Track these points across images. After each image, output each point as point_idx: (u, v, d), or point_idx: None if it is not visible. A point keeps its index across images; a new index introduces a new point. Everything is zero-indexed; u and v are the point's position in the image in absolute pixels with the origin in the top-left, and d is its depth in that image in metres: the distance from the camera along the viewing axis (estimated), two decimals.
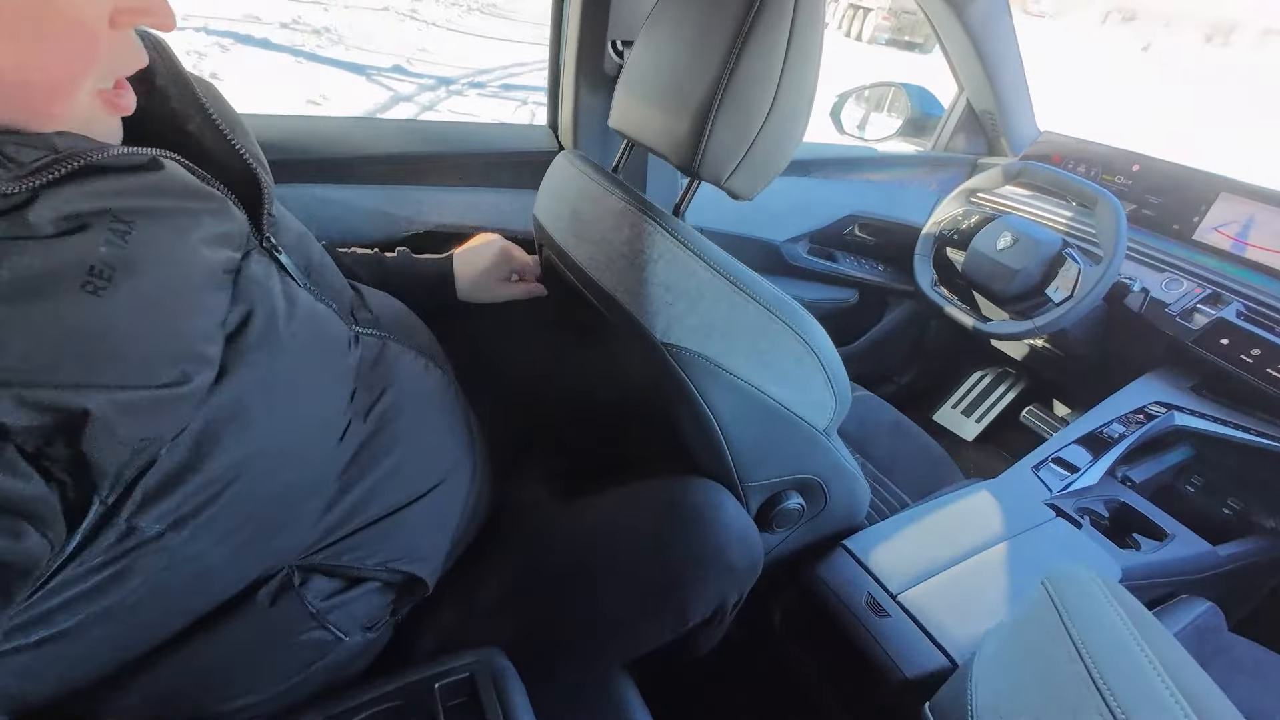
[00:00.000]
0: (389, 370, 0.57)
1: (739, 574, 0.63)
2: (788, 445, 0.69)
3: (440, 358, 0.68)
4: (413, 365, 0.61)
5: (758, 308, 0.61)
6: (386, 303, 0.66)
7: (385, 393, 0.55)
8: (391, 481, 0.54)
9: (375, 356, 0.56)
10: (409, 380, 0.59)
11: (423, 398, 0.60)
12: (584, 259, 0.67)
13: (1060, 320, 1.09)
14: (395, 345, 0.59)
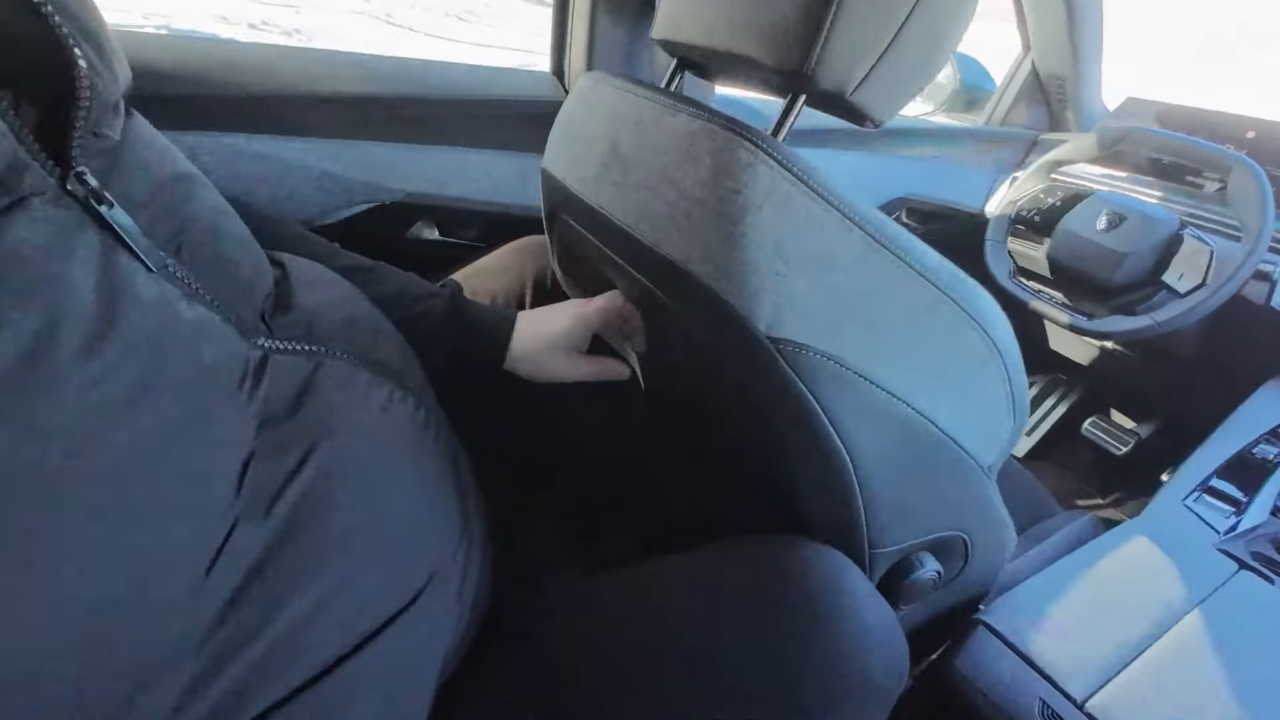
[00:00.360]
0: (321, 411, 0.34)
1: (881, 697, 0.40)
2: (943, 493, 0.46)
3: (415, 378, 0.44)
4: (367, 397, 0.37)
5: (921, 283, 0.38)
6: (329, 293, 0.42)
7: (311, 455, 0.32)
8: (320, 622, 0.32)
9: (297, 390, 0.34)
10: (359, 424, 0.36)
11: (384, 450, 0.37)
12: (630, 216, 0.44)
13: (1194, 313, 0.88)
14: (337, 366, 0.36)
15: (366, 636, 0.35)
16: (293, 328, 0.37)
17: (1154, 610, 0.60)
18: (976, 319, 0.40)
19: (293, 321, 0.37)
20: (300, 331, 0.37)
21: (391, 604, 0.37)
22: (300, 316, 0.38)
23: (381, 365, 0.41)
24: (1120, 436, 1.42)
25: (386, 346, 0.44)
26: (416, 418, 0.41)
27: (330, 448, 0.34)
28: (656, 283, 0.44)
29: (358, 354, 0.39)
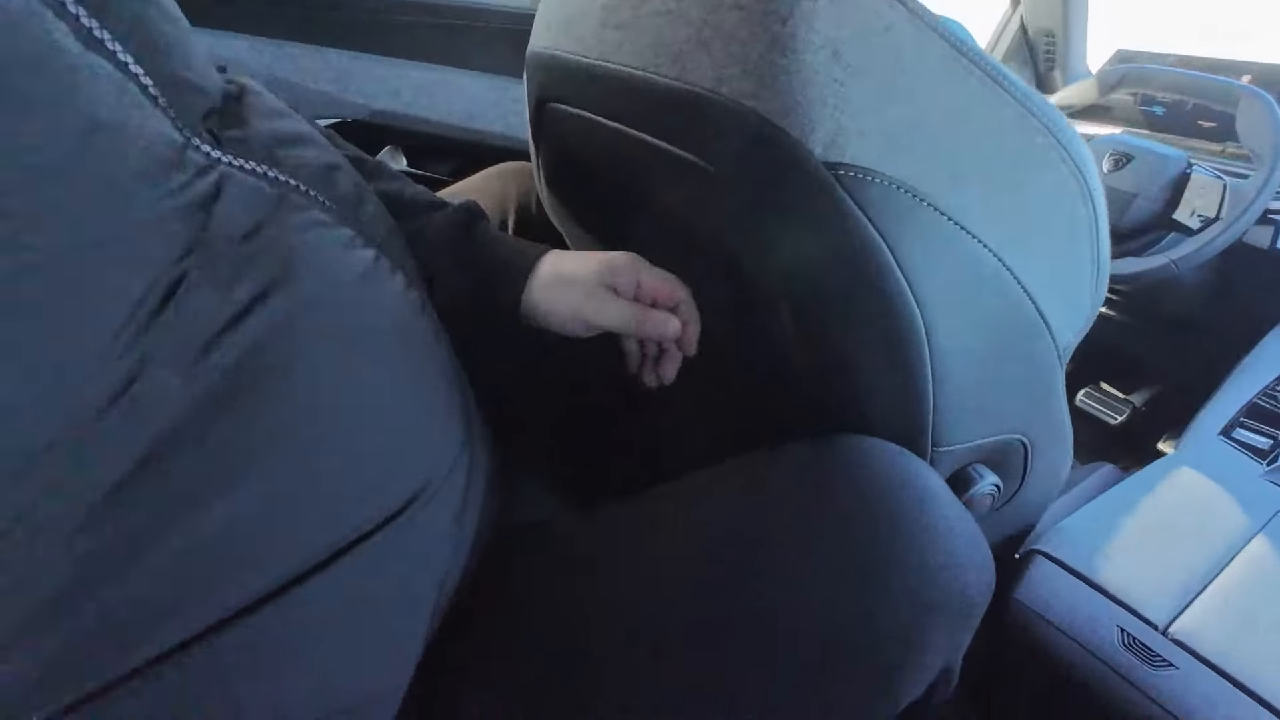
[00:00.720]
0: (284, 248, 0.27)
1: (974, 616, 0.33)
2: (1017, 378, 0.39)
3: (405, 258, 0.36)
4: (346, 253, 0.30)
5: (1015, 108, 0.32)
6: (296, 128, 0.34)
7: (266, 299, 0.25)
8: (265, 528, 0.25)
9: (255, 221, 0.26)
10: (333, 279, 0.28)
11: (364, 322, 0.29)
12: (644, 55, 0.37)
13: (1211, 247, 0.85)
14: (307, 206, 0.29)
15: (330, 554, 0.27)
16: (248, 148, 0.29)
17: (1216, 537, 0.54)
18: (1070, 152, 0.33)
19: (247, 141, 0.29)
20: (259, 156, 0.29)
21: (366, 517, 0.28)
22: (259, 141, 0.30)
23: (366, 227, 0.33)
24: (1115, 406, 1.39)
25: (373, 212, 0.36)
26: (409, 297, 0.33)
27: (293, 296, 0.26)
28: (676, 135, 0.37)
29: (335, 202, 0.31)
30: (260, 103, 0.33)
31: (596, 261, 0.43)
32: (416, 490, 0.30)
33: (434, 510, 0.32)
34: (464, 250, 0.43)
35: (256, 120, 0.31)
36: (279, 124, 0.32)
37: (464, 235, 0.44)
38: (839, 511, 0.32)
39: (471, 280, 0.43)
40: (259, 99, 0.33)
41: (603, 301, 0.42)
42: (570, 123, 0.48)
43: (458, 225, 0.44)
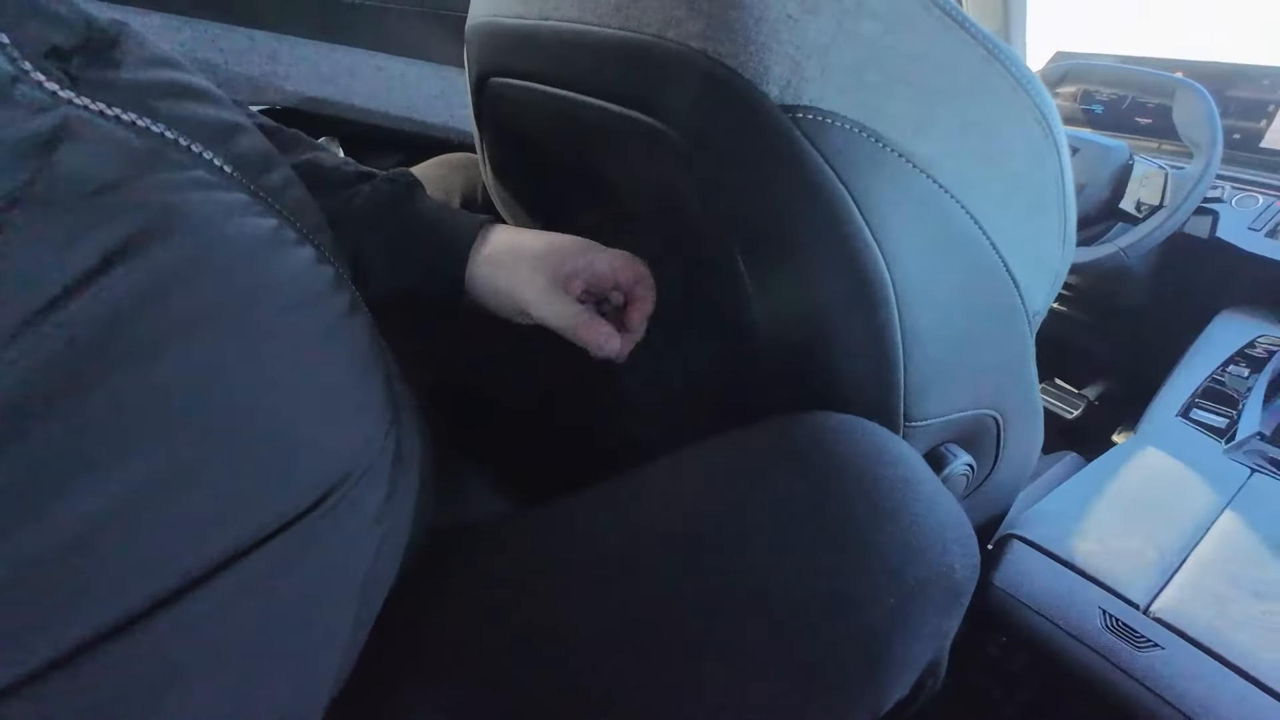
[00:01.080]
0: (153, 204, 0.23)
1: (964, 595, 0.30)
2: (989, 344, 0.37)
3: (320, 233, 0.33)
4: (240, 217, 0.26)
5: (977, 49, 0.30)
6: (183, 80, 0.30)
7: (125, 258, 0.22)
8: (131, 531, 0.21)
9: (117, 175, 0.22)
10: (221, 242, 0.25)
11: (262, 294, 0.25)
12: (585, 7, 0.35)
13: (1157, 234, 0.86)
14: (192, 164, 0.26)
15: (224, 558, 0.23)
16: (114, 94, 0.24)
17: (1187, 514, 0.54)
18: (1036, 101, 0.32)
19: (114, 86, 0.25)
20: (128, 103, 0.25)
21: (267, 514, 0.24)
22: (131, 88, 0.26)
23: (269, 194, 0.29)
24: (1070, 400, 1.41)
25: (280, 180, 0.32)
26: (319, 273, 0.29)
27: (160, 261, 0.22)
28: (623, 93, 0.34)
29: (230, 163, 0.27)
30: (141, 51, 0.28)
31: (544, 244, 0.40)
32: (329, 485, 0.26)
33: (351, 507, 0.28)
34: (399, 220, 0.40)
35: (132, 66, 0.27)
36: (161, 73, 0.28)
37: (399, 204, 0.40)
38: (815, 490, 0.29)
39: (409, 254, 0.39)
40: (141, 47, 0.29)
41: (545, 294, 0.38)
42: (513, 96, 0.45)
43: (392, 195, 0.40)
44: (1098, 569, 0.46)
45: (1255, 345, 0.89)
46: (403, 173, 0.42)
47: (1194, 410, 0.74)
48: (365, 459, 0.28)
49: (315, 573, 0.26)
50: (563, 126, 0.43)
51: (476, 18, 0.48)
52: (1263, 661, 0.40)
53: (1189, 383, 0.82)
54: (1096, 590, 0.44)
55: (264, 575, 0.24)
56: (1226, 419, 0.74)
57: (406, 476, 0.32)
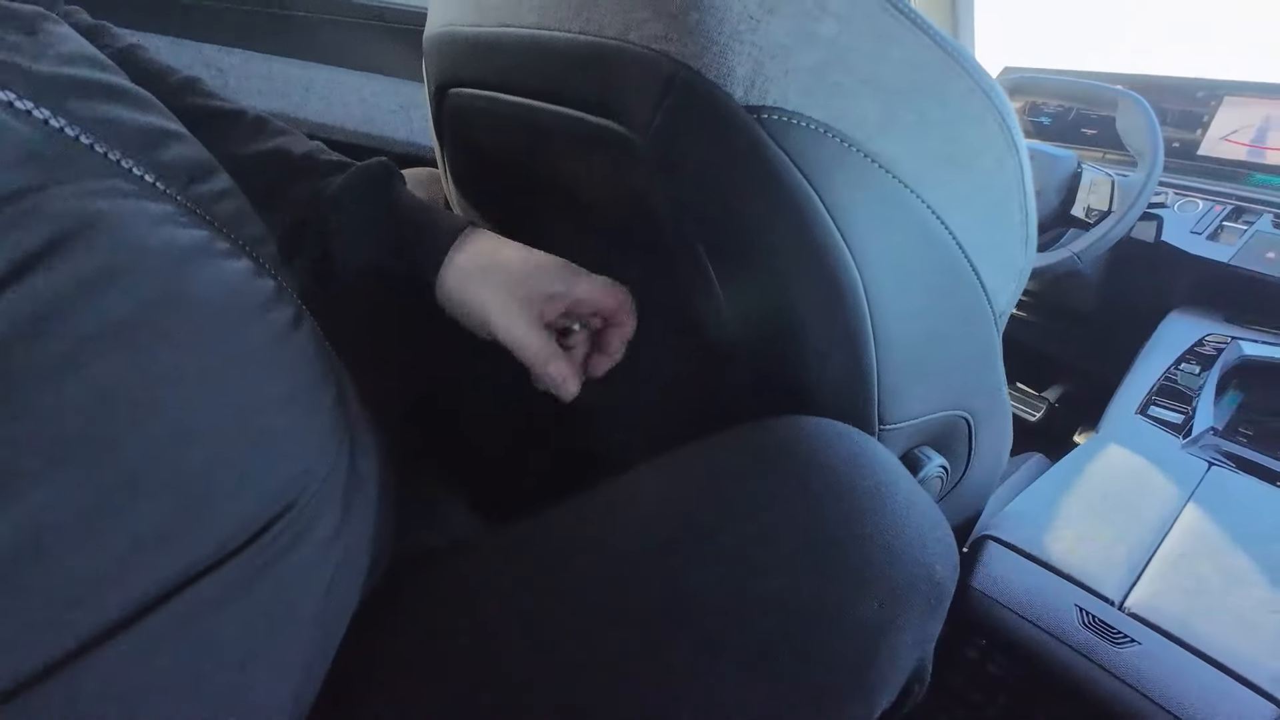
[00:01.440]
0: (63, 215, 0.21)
1: (940, 588, 0.30)
2: (958, 345, 0.37)
3: (261, 246, 0.31)
4: (154, 228, 0.24)
5: (933, 48, 0.30)
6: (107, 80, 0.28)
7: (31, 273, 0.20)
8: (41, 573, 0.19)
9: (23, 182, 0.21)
10: (140, 252, 0.23)
11: (190, 309, 0.24)
12: (545, 12, 0.34)
13: (1107, 239, 0.89)
14: (101, 170, 0.24)
15: (145, 603, 0.21)
16: (27, 84, 0.23)
17: (1152, 508, 0.54)
18: (994, 101, 0.32)
19: (29, 75, 0.23)
20: (42, 98, 0.23)
21: (204, 545, 0.22)
22: (46, 81, 0.24)
23: (199, 204, 0.27)
24: (1032, 403, 1.45)
25: (217, 190, 0.30)
26: (257, 286, 0.27)
27: (67, 275, 0.20)
28: (586, 98, 0.34)
29: (154, 172, 0.26)
30: (64, 44, 0.27)
31: (522, 262, 0.38)
32: (271, 514, 0.24)
33: (298, 536, 0.26)
34: (376, 205, 0.37)
35: (52, 60, 0.25)
36: (83, 71, 0.26)
37: (377, 190, 0.38)
38: (794, 495, 0.28)
39: (385, 243, 0.37)
40: (64, 39, 0.27)
41: (512, 318, 0.37)
42: (473, 106, 0.44)
43: (369, 181, 0.38)
44: (1072, 567, 0.46)
45: (1204, 343, 0.92)
46: (381, 161, 0.39)
47: (1152, 408, 0.77)
48: (313, 484, 0.27)
49: (261, 607, 0.24)
50: (525, 135, 0.42)
51: (434, 28, 0.47)
52: (1233, 650, 0.40)
53: (1145, 381, 0.85)
54: (1072, 588, 0.44)
55: (201, 614, 0.22)
56: (1182, 415, 0.76)
57: (363, 498, 0.31)
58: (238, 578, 0.23)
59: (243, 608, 0.23)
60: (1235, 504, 0.56)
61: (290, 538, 0.25)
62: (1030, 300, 1.34)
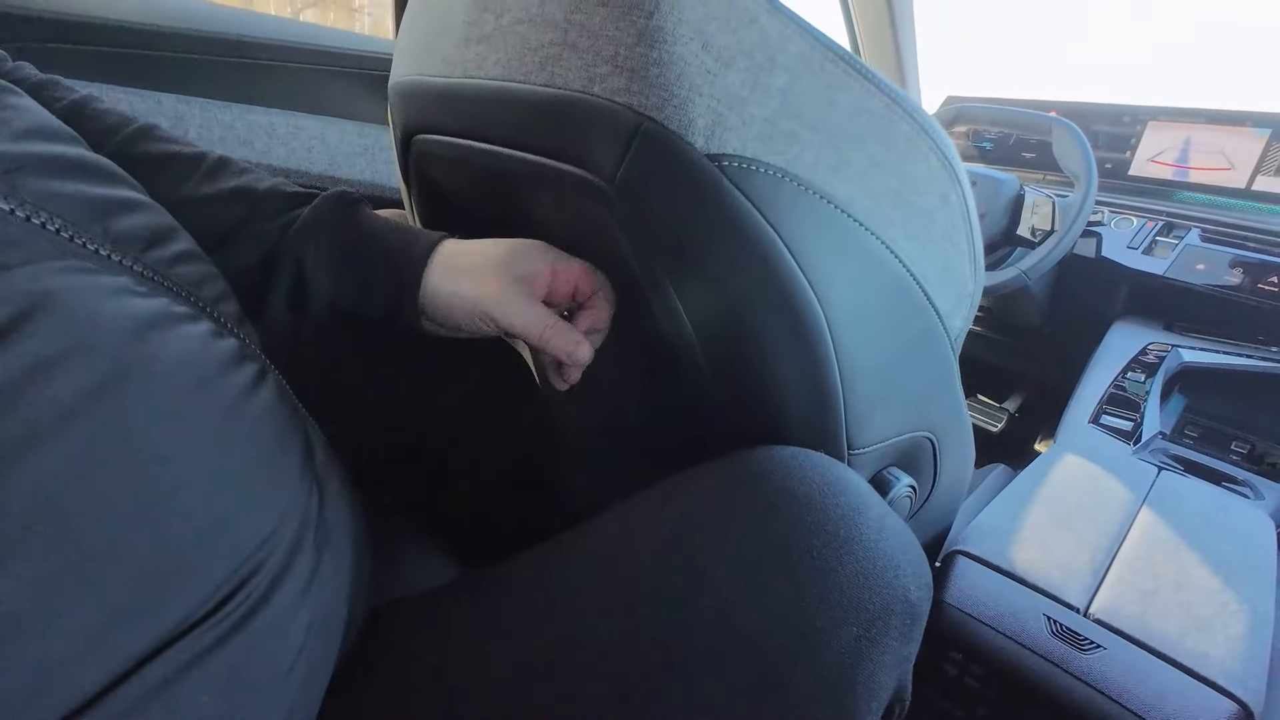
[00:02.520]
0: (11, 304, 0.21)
1: (916, 610, 0.31)
2: (918, 368, 0.39)
3: (221, 303, 0.31)
4: (110, 300, 0.24)
5: (876, 94, 0.32)
6: (67, 153, 0.28)
7: None
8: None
9: None
10: (89, 334, 0.22)
11: (144, 383, 0.23)
12: (509, 64, 0.35)
13: (1052, 256, 0.94)
14: (50, 250, 0.23)
15: (100, 687, 0.20)
16: None
17: (1109, 515, 0.57)
18: (936, 141, 0.34)
19: None
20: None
21: (162, 626, 0.22)
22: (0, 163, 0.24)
23: (155, 271, 0.27)
24: (994, 414, 1.50)
25: (174, 254, 0.30)
26: (217, 348, 0.27)
27: (22, 358, 0.20)
28: (552, 146, 0.35)
29: (107, 244, 0.26)
30: (19, 118, 0.26)
31: (504, 249, 0.38)
32: (238, 580, 0.24)
33: (266, 599, 0.25)
34: (347, 232, 0.37)
35: (7, 136, 0.25)
36: (35, 146, 0.26)
37: (346, 218, 0.38)
38: (769, 527, 0.29)
39: (361, 267, 0.37)
40: (19, 113, 0.27)
41: (512, 298, 0.36)
42: (441, 153, 0.45)
43: (337, 209, 0.38)
44: (1039, 577, 0.48)
45: (1147, 352, 0.97)
46: (343, 192, 0.39)
47: (1103, 416, 0.80)
48: (281, 542, 0.26)
49: (233, 671, 0.24)
50: (492, 179, 0.43)
51: (399, 76, 0.48)
52: (1190, 649, 0.42)
53: (1095, 391, 0.89)
54: (1040, 598, 0.46)
55: (172, 682, 0.22)
56: (1132, 422, 0.80)
57: (334, 555, 0.30)
58: (209, 643, 0.23)
59: (214, 672, 0.23)
60: (1185, 506, 0.59)
61: (259, 597, 0.25)
62: (984, 316, 1.40)
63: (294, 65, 0.65)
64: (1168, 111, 1.07)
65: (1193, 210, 1.04)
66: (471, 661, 0.31)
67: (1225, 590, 0.48)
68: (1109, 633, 0.43)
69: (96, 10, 0.55)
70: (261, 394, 0.28)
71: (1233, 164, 1.02)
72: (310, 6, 4.30)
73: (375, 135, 0.71)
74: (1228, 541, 0.53)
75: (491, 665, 0.30)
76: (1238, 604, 0.46)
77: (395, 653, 0.34)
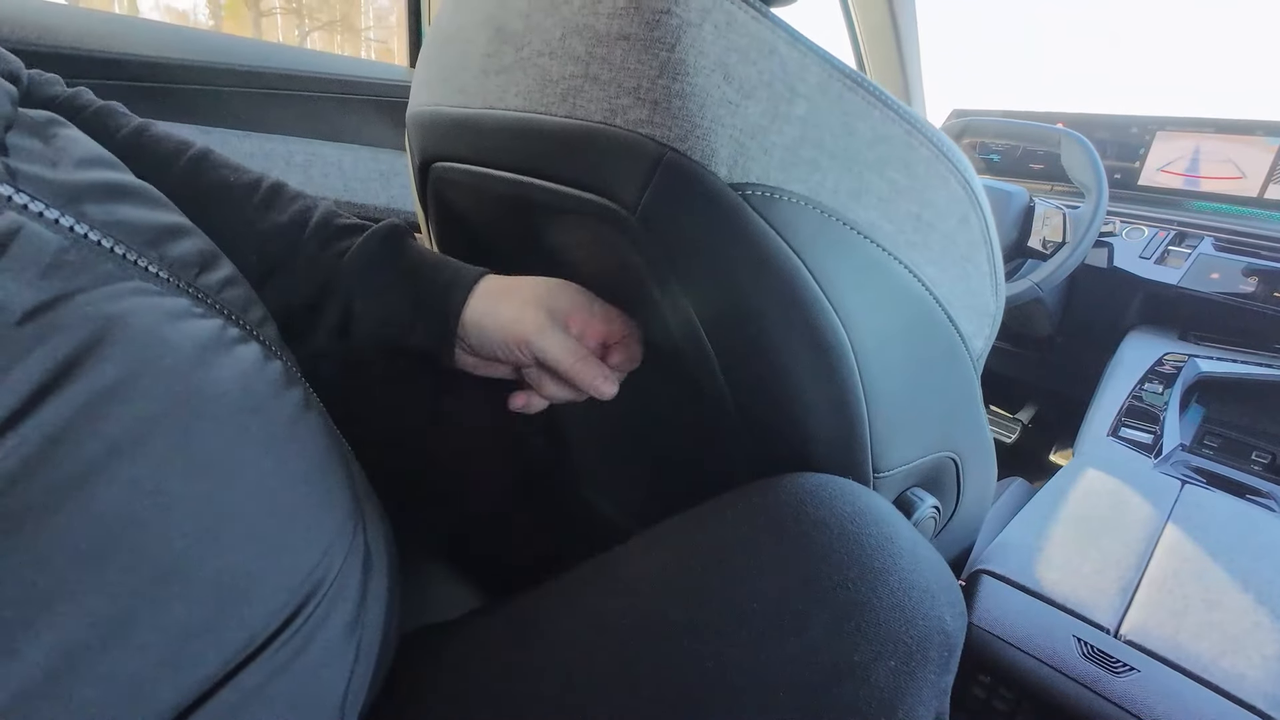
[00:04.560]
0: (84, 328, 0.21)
1: (952, 640, 0.30)
2: (941, 389, 0.39)
3: (265, 326, 0.32)
4: (171, 324, 0.24)
5: (894, 119, 0.33)
6: (120, 180, 0.29)
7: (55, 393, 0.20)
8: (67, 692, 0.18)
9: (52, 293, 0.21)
10: (154, 358, 0.23)
11: (208, 403, 0.24)
12: (530, 95, 0.36)
13: (1064, 268, 0.93)
14: (118, 273, 0.24)
15: (175, 713, 0.21)
16: (51, 191, 0.23)
17: (1134, 531, 0.56)
18: (955, 165, 0.34)
19: (52, 183, 0.24)
20: (63, 203, 0.24)
21: (226, 652, 0.22)
22: (65, 187, 0.25)
23: (210, 294, 0.28)
24: (1008, 425, 1.49)
25: (224, 278, 0.31)
26: (267, 370, 0.28)
27: (96, 382, 0.20)
28: (573, 175, 0.35)
29: (166, 268, 0.26)
30: (76, 147, 0.27)
31: (544, 284, 0.40)
32: (296, 604, 0.24)
33: (321, 622, 0.26)
34: (396, 270, 0.39)
35: (67, 165, 0.26)
36: (97, 174, 0.27)
37: (396, 252, 0.39)
38: (803, 559, 0.29)
39: (408, 304, 0.38)
40: (75, 143, 0.28)
41: (546, 327, 0.38)
42: (459, 179, 0.46)
43: (387, 240, 0.39)
44: (1066, 597, 0.47)
45: (1163, 363, 0.96)
46: (393, 225, 0.41)
47: (1122, 429, 0.79)
48: (334, 566, 0.27)
49: (288, 703, 0.24)
50: (511, 205, 0.44)
51: (417, 106, 0.49)
52: (1224, 670, 0.42)
53: (1113, 403, 0.88)
54: (1069, 619, 0.45)
55: (242, 707, 0.22)
56: (1151, 434, 0.79)
57: (376, 579, 0.30)
58: (275, 666, 0.23)
59: (280, 697, 0.23)
60: (1211, 522, 0.59)
61: (318, 619, 0.25)
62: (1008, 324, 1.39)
63: (311, 94, 0.67)
64: (1175, 121, 1.07)
65: (1204, 219, 1.04)
66: (499, 696, 0.31)
67: (1257, 609, 0.47)
68: (1141, 654, 0.43)
69: (121, 45, 0.56)
70: (309, 417, 0.29)
71: (1244, 173, 1.02)
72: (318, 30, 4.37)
73: (390, 160, 0.72)
74: (1256, 558, 0.52)
75: (521, 700, 0.30)
76: (1271, 623, 0.45)
77: (420, 685, 0.34)
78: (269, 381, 0.27)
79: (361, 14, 6.41)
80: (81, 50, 0.54)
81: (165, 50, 0.58)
